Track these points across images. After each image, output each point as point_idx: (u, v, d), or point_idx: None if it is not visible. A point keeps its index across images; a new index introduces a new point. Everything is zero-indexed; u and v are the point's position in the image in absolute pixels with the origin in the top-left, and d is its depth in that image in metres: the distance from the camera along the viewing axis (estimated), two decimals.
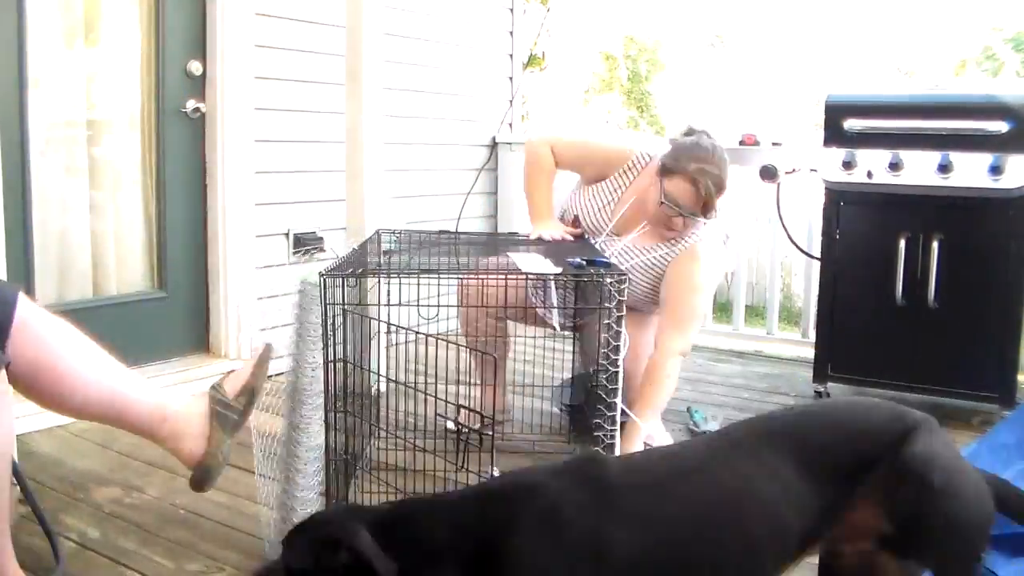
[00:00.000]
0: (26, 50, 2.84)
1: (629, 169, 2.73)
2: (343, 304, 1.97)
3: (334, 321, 1.95)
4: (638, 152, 2.73)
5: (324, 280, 1.92)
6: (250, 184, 3.43)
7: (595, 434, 1.97)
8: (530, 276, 2.24)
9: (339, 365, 1.99)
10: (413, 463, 2.35)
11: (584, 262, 2.17)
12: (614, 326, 1.94)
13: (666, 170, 2.57)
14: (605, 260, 2.12)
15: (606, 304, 1.96)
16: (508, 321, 2.89)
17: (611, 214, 2.74)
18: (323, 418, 1.96)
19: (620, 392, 2.02)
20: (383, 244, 2.61)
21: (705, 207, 2.53)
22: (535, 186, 2.83)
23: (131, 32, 3.20)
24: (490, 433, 1.94)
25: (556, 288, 2.57)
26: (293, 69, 3.56)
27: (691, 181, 2.50)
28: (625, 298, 1.97)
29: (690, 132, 2.67)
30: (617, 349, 1.93)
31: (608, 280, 1.97)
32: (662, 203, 2.54)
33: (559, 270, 2.15)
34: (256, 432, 2.04)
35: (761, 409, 3.23)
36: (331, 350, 1.97)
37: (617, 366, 1.94)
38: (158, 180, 3.28)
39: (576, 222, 2.83)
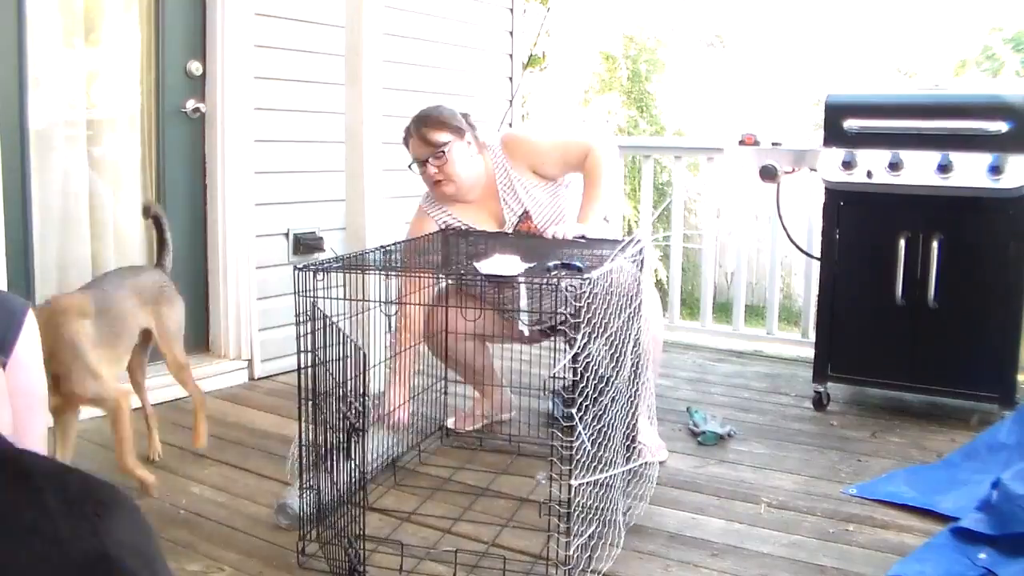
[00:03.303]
0: (26, 50, 2.84)
1: (424, 217, 2.90)
2: (310, 296, 1.95)
3: (315, 316, 1.95)
4: (422, 208, 2.94)
5: (297, 274, 1.95)
6: (250, 184, 3.43)
7: (553, 444, 1.84)
8: (486, 279, 2.17)
9: (313, 359, 1.98)
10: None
11: (559, 265, 2.09)
12: (569, 333, 1.82)
13: (405, 147, 2.85)
14: (578, 265, 2.07)
15: (561, 310, 1.86)
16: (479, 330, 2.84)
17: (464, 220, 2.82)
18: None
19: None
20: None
21: (426, 142, 2.73)
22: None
23: (131, 32, 3.21)
24: (362, 429, 1.87)
25: (524, 292, 2.55)
26: (293, 69, 3.56)
27: (408, 135, 2.82)
28: (584, 305, 1.82)
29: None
30: (575, 358, 1.82)
31: (565, 285, 1.83)
32: (410, 166, 2.82)
33: (516, 272, 2.09)
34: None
35: (761, 409, 3.24)
36: (313, 345, 1.96)
37: (576, 375, 1.83)
38: (158, 180, 3.29)
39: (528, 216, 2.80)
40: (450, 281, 2.66)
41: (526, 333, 3.00)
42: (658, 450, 2.72)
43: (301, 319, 1.96)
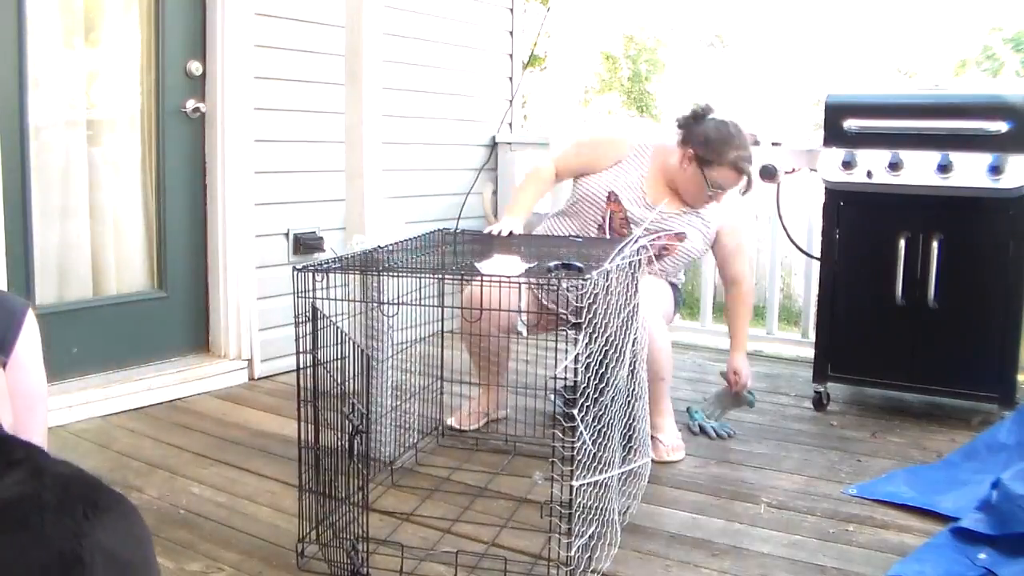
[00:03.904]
0: (26, 50, 2.84)
1: (638, 155, 2.92)
2: (312, 297, 1.95)
3: (316, 316, 1.95)
4: (634, 142, 2.95)
5: (297, 275, 1.94)
6: (250, 184, 3.43)
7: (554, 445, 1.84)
8: (487, 279, 2.18)
9: (315, 360, 1.97)
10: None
11: (559, 265, 2.09)
12: (571, 334, 1.84)
13: (706, 161, 2.78)
14: (578, 265, 2.07)
15: (562, 311, 1.87)
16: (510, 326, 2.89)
17: (644, 188, 2.89)
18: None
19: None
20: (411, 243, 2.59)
21: (748, 184, 2.84)
22: (522, 188, 3.02)
23: (131, 32, 3.21)
24: (364, 431, 1.87)
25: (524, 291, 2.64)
26: (293, 69, 3.56)
27: (735, 169, 2.79)
28: (585, 306, 1.83)
29: (701, 114, 2.86)
30: (576, 359, 1.83)
31: (565, 285, 1.85)
32: (710, 192, 2.81)
33: (516, 273, 2.09)
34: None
35: (761, 409, 3.24)
36: (317, 347, 1.96)
37: (577, 376, 1.83)
38: (158, 180, 3.29)
39: (612, 197, 2.89)
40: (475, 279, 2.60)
41: (524, 333, 3.02)
42: (676, 450, 2.73)
43: (300, 320, 1.96)
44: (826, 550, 2.12)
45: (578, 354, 1.82)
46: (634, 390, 2.34)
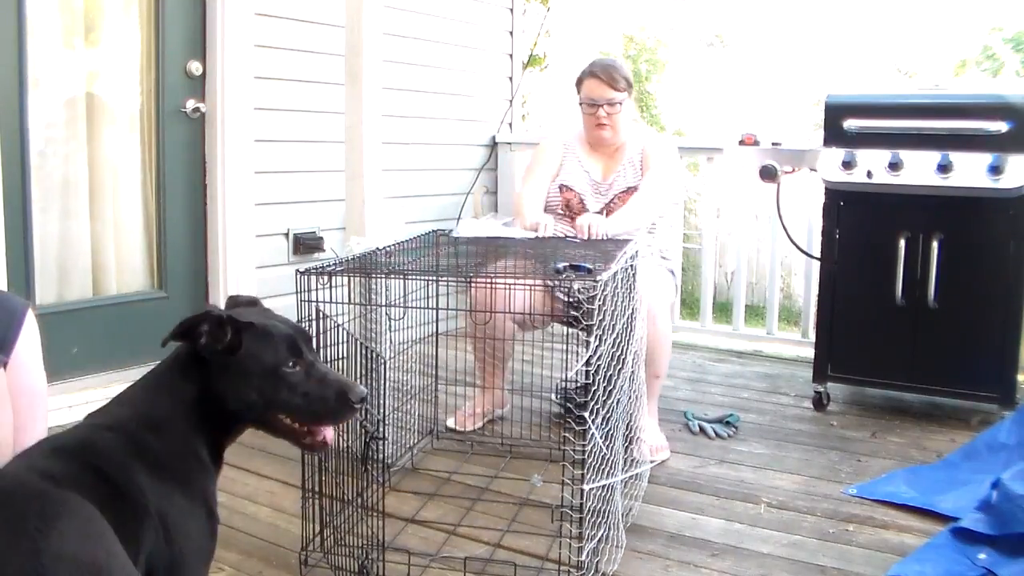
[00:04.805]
0: (26, 50, 2.84)
1: (568, 147, 3.12)
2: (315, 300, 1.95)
3: (318, 318, 1.94)
4: (559, 141, 3.14)
5: (300, 278, 1.93)
6: (250, 184, 3.43)
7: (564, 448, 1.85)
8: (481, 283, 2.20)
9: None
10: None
11: (568, 267, 2.09)
12: (583, 336, 1.85)
13: (576, 85, 3.04)
14: (587, 267, 2.08)
15: (572, 312, 1.89)
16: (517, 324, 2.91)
17: (585, 168, 3.06)
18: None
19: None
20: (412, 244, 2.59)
21: (612, 84, 2.95)
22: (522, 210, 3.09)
23: (131, 32, 3.20)
24: (380, 438, 1.88)
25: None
26: (293, 69, 3.56)
27: (590, 74, 2.99)
28: (596, 307, 1.85)
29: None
30: (589, 360, 1.84)
31: (576, 287, 1.87)
32: (581, 104, 3.01)
33: (494, 234, 2.10)
34: None
35: (761, 409, 3.24)
36: (318, 347, 1.95)
37: (588, 379, 1.84)
38: (158, 180, 3.28)
39: (563, 188, 3.05)
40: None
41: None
42: (660, 450, 2.73)
43: (302, 322, 1.95)
44: (826, 550, 2.12)
45: (590, 356, 1.82)
46: (633, 390, 2.34)
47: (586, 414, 1.79)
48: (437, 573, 1.99)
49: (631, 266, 2.32)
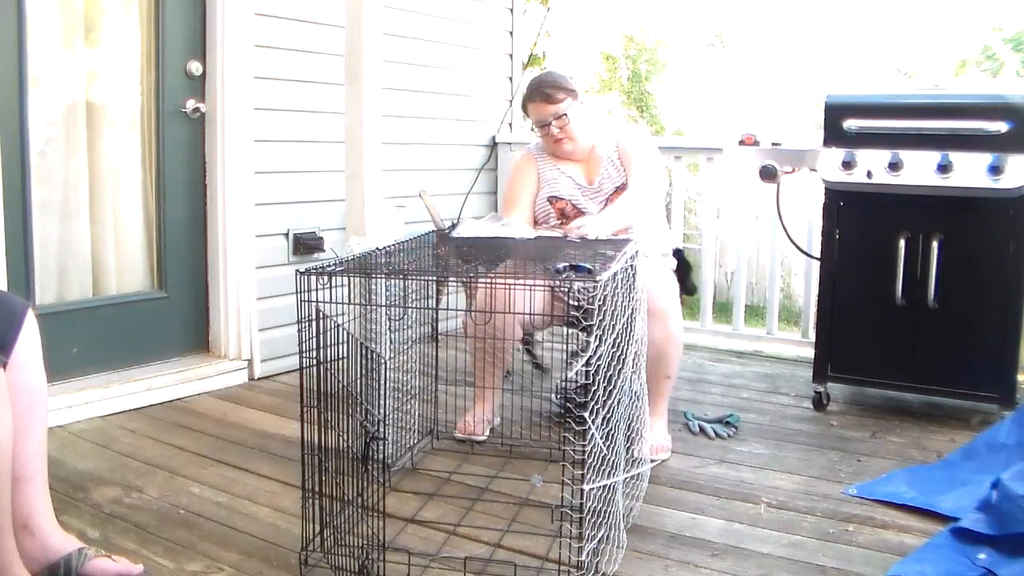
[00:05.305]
0: (26, 50, 2.84)
1: (543, 160, 3.09)
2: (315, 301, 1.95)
3: (318, 318, 1.94)
4: (529, 154, 3.15)
5: (300, 278, 1.93)
6: (250, 184, 3.43)
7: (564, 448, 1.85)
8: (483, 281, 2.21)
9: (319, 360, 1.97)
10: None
11: (568, 267, 2.08)
12: (583, 336, 1.86)
13: (523, 112, 3.13)
14: (588, 267, 2.07)
15: (574, 312, 1.86)
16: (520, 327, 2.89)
17: (568, 175, 3.03)
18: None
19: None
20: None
21: (550, 100, 2.93)
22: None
23: (131, 32, 3.21)
24: (381, 438, 1.87)
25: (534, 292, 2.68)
26: (293, 69, 3.56)
27: (527, 99, 3.01)
28: (596, 307, 1.84)
29: None
30: (588, 361, 1.83)
31: (577, 287, 1.85)
32: (532, 129, 3.05)
33: (492, 235, 2.09)
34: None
35: (761, 409, 3.24)
36: (318, 348, 1.95)
37: (588, 379, 1.83)
38: (158, 180, 3.29)
39: (552, 200, 3.02)
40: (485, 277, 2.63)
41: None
42: (661, 450, 2.73)
43: (302, 322, 1.95)
44: (826, 550, 2.12)
45: (590, 356, 1.82)
46: (636, 390, 2.34)
47: (586, 414, 1.79)
48: (437, 573, 1.99)
49: (631, 266, 2.32)
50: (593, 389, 1.83)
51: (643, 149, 3.00)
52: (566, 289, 2.03)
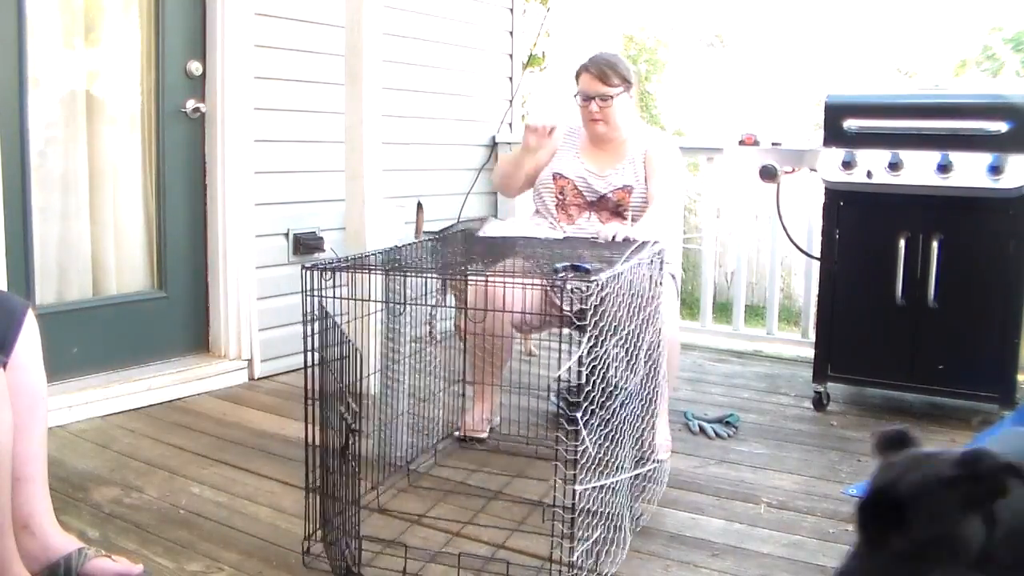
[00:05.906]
0: (26, 50, 2.84)
1: (568, 137, 3.11)
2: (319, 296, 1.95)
3: (323, 315, 1.94)
4: (563, 130, 3.13)
5: (305, 274, 1.94)
6: (250, 184, 3.43)
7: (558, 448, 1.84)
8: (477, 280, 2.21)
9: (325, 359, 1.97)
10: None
11: (567, 267, 2.08)
12: (575, 336, 1.84)
13: (575, 79, 3.05)
14: (586, 267, 2.06)
15: (567, 312, 1.86)
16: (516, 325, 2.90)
17: (581, 159, 3.05)
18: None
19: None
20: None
21: (604, 79, 2.93)
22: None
23: (131, 32, 3.21)
24: (356, 430, 1.87)
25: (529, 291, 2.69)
26: (293, 69, 3.56)
27: (584, 69, 2.99)
28: (590, 307, 1.83)
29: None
30: (580, 361, 1.82)
31: (570, 287, 1.83)
32: (576, 96, 3.01)
33: (518, 233, 2.10)
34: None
35: (761, 409, 3.24)
36: (320, 347, 1.95)
37: (581, 379, 1.81)
38: (158, 180, 3.29)
39: (557, 176, 3.04)
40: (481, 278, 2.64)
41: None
42: (660, 450, 2.72)
43: (308, 319, 1.95)
44: (826, 550, 2.12)
45: (581, 356, 1.81)
46: (649, 394, 2.34)
47: (578, 415, 1.78)
48: (434, 570, 1.99)
49: (652, 272, 2.31)
50: (588, 390, 1.83)
51: (671, 163, 3.00)
52: (559, 288, 2.03)
